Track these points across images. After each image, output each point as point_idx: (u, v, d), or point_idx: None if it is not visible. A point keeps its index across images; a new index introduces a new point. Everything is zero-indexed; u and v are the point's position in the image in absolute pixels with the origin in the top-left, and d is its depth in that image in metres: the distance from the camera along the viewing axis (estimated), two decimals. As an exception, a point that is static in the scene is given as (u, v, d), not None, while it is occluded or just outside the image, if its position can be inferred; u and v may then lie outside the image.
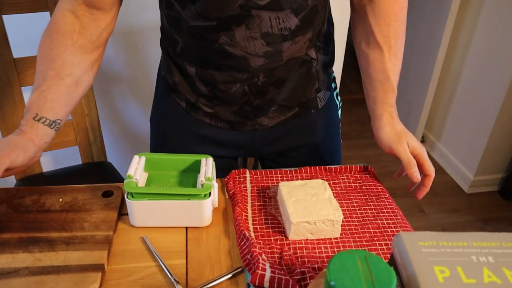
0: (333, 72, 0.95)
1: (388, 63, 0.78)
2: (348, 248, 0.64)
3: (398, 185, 2.29)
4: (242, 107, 0.83)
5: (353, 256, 0.39)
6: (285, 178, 0.78)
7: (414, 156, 0.75)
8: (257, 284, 0.56)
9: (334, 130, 0.96)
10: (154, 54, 1.67)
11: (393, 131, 0.76)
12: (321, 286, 0.39)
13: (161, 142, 0.96)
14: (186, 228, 0.68)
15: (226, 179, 0.77)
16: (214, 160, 0.74)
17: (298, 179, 0.78)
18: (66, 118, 0.76)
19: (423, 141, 2.63)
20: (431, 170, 0.75)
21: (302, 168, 0.80)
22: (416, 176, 0.73)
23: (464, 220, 2.10)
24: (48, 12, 1.10)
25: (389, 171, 2.45)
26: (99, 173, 1.32)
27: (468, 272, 0.43)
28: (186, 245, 0.65)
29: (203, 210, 0.66)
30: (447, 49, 2.29)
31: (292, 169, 0.81)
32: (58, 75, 0.73)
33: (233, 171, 0.78)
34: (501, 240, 0.47)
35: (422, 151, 0.75)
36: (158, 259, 0.62)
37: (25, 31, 1.43)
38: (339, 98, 0.99)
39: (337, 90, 0.98)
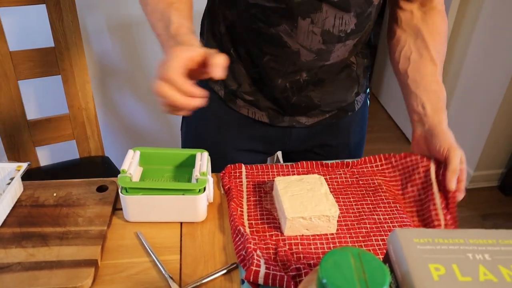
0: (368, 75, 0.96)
1: (439, 76, 0.81)
2: (344, 244, 0.64)
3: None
4: (280, 101, 0.84)
5: (346, 253, 0.38)
6: (281, 173, 0.78)
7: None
8: (251, 280, 0.56)
9: (363, 129, 0.99)
10: (152, 47, 1.66)
11: (453, 137, 0.79)
12: (313, 283, 0.38)
13: (195, 134, 0.95)
14: (181, 223, 0.68)
15: (221, 174, 0.76)
16: (247, 155, 0.73)
17: (294, 174, 0.78)
18: None
19: (423, 136, 2.62)
20: (462, 187, 0.76)
21: (299, 163, 0.80)
22: (452, 185, 0.73)
23: (464, 216, 2.09)
24: (44, 5, 1.09)
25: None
26: (97, 168, 1.32)
27: (463, 269, 0.42)
28: (181, 240, 0.65)
29: (198, 205, 0.65)
30: (448, 44, 2.28)
31: (289, 163, 0.80)
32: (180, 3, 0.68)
33: (229, 166, 0.77)
34: (498, 238, 0.46)
35: (464, 167, 0.77)
36: (152, 254, 0.61)
37: (21, 24, 1.42)
38: (369, 98, 1.00)
39: (368, 90, 0.99)
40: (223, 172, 0.77)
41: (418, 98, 0.80)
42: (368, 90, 0.97)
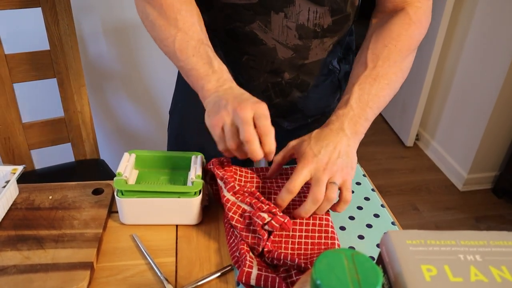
0: None
1: (362, 80, 0.70)
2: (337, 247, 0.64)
3: (392, 183, 2.30)
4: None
5: (339, 254, 0.38)
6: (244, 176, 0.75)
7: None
8: (243, 281, 0.56)
9: None
10: (147, 50, 1.67)
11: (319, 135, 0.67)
12: (307, 284, 0.39)
13: (180, 134, 0.96)
14: (176, 226, 0.68)
15: (208, 165, 0.73)
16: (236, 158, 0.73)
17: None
18: None
19: (417, 139, 2.64)
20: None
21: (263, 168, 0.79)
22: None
23: (458, 218, 2.10)
24: (40, 8, 1.09)
25: (383, 169, 2.46)
26: (92, 171, 1.31)
27: (455, 270, 0.43)
28: (176, 243, 0.65)
29: (193, 208, 0.66)
30: (441, 49, 2.30)
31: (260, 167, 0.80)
32: (201, 25, 0.71)
33: (215, 159, 0.75)
34: (489, 239, 0.47)
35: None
36: (147, 257, 0.62)
37: (16, 27, 1.42)
38: None
39: None
40: (210, 163, 0.74)
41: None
42: None
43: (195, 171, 0.68)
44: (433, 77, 2.39)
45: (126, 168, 0.68)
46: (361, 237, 0.68)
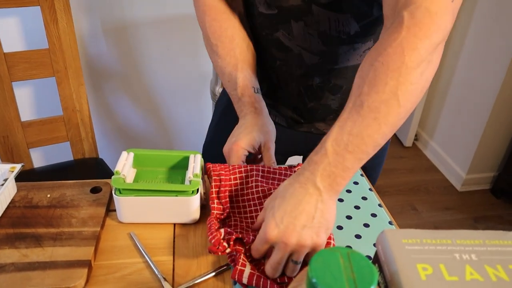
0: None
1: (345, 115, 0.55)
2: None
3: (391, 183, 2.30)
4: (297, 106, 0.87)
5: (335, 253, 0.39)
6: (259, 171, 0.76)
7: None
8: (236, 279, 0.56)
9: (385, 145, 0.98)
10: (147, 50, 1.67)
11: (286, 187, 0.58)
12: (303, 282, 0.39)
13: (218, 123, 1.01)
14: (174, 224, 0.68)
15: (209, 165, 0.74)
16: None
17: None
18: None
19: (416, 139, 2.64)
20: None
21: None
22: None
23: (456, 218, 2.11)
24: (39, 7, 1.09)
25: (382, 169, 2.46)
26: (91, 170, 1.32)
27: (450, 269, 0.43)
28: (174, 241, 0.65)
29: (191, 206, 0.66)
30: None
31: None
32: (243, 48, 0.79)
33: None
34: (485, 238, 0.47)
35: None
36: (145, 255, 0.62)
37: (15, 26, 1.42)
38: None
39: None
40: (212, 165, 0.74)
41: None
42: None
43: (192, 170, 0.68)
44: (432, 77, 2.39)
45: (124, 166, 0.69)
46: (358, 236, 0.68)
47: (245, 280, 0.56)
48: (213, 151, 0.98)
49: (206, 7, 0.78)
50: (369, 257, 0.64)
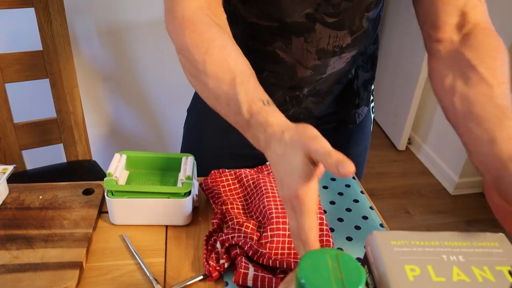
0: (372, 87, 0.95)
1: (501, 98, 0.57)
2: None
3: (384, 187, 2.31)
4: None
5: (324, 254, 0.39)
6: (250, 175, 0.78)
7: None
8: (240, 282, 0.57)
9: (365, 143, 0.98)
10: (141, 52, 1.67)
11: None
12: (292, 283, 0.39)
13: (196, 133, 0.95)
14: (166, 226, 0.69)
15: (204, 180, 0.76)
16: (248, 160, 0.74)
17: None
18: None
19: (409, 143, 2.65)
20: None
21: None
22: None
23: (449, 222, 2.12)
24: (33, 8, 1.09)
25: (375, 173, 2.47)
26: (84, 172, 1.31)
27: (438, 270, 0.43)
28: (166, 243, 0.66)
29: (183, 208, 0.66)
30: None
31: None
32: (238, 56, 0.58)
33: (213, 171, 0.78)
34: (472, 240, 0.48)
35: None
36: (136, 257, 0.62)
37: (9, 27, 1.42)
38: (374, 110, 1.00)
39: (373, 103, 0.99)
40: (206, 178, 0.77)
41: (474, 136, 0.57)
42: (372, 104, 0.98)
43: (185, 172, 0.68)
44: (425, 82, 2.41)
45: (117, 168, 0.69)
46: (349, 238, 0.69)
47: (250, 283, 0.56)
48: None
49: (185, 21, 0.60)
50: (359, 259, 0.64)
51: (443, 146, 2.36)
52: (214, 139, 0.91)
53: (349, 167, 0.44)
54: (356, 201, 0.77)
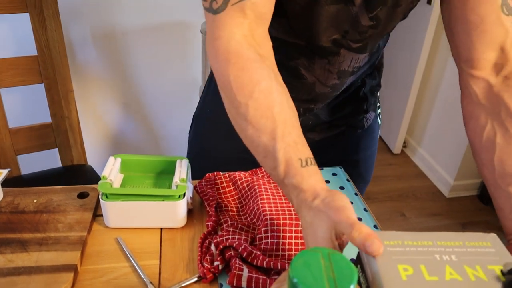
0: (379, 94, 0.97)
1: None
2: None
3: (380, 190, 2.32)
4: None
5: (316, 253, 0.39)
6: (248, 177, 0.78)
7: None
8: (234, 284, 0.57)
9: (374, 148, 0.99)
10: (136, 56, 1.67)
11: None
12: (285, 283, 0.40)
13: (206, 139, 0.94)
14: (161, 229, 0.69)
15: (198, 182, 0.76)
16: (258, 165, 0.73)
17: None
18: None
19: (405, 146, 2.67)
20: None
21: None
22: None
23: (444, 224, 2.13)
24: (27, 14, 1.09)
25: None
26: (79, 176, 1.31)
27: (430, 270, 0.44)
28: (160, 246, 0.66)
29: (178, 211, 0.66)
30: (428, 57, 2.33)
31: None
32: (282, 104, 0.55)
33: (207, 174, 0.78)
34: (465, 240, 0.48)
35: None
36: (131, 259, 0.62)
37: (4, 32, 1.42)
38: (381, 117, 1.02)
39: (380, 110, 1.00)
40: (201, 181, 0.77)
41: (503, 192, 0.57)
42: (379, 110, 0.99)
43: (179, 175, 0.68)
44: (420, 85, 2.43)
45: (111, 171, 0.69)
46: (343, 240, 0.69)
47: (244, 284, 0.57)
48: (196, 166, 0.93)
49: (230, 55, 0.56)
50: (353, 260, 0.65)
51: (438, 149, 2.37)
52: (224, 144, 0.91)
53: (378, 247, 0.43)
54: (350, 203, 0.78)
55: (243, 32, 0.57)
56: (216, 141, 0.92)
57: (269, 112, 0.53)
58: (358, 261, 0.48)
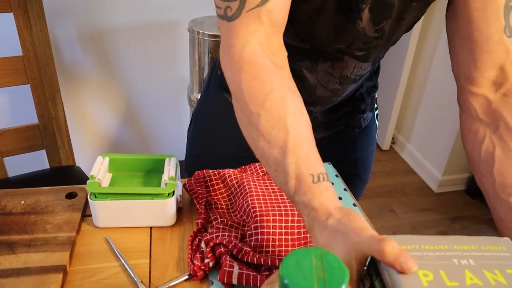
0: (376, 95, 0.98)
1: None
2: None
3: (369, 186, 2.33)
4: None
5: (309, 253, 0.39)
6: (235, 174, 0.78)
7: None
8: (225, 281, 0.57)
9: (372, 147, 1.00)
10: (123, 56, 1.66)
11: None
12: (276, 283, 0.40)
13: (209, 136, 0.94)
14: (151, 228, 0.68)
15: (188, 180, 0.76)
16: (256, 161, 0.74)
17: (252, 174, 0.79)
18: None
19: (393, 142, 2.68)
20: None
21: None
22: None
23: (433, 219, 2.15)
24: (11, 13, 1.08)
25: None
26: (67, 178, 1.30)
27: (450, 275, 0.43)
28: (150, 244, 0.66)
29: (167, 209, 0.66)
30: (415, 53, 2.35)
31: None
32: (296, 115, 0.53)
33: (196, 172, 0.78)
34: (480, 244, 0.47)
35: None
36: (121, 259, 0.62)
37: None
38: (378, 118, 1.02)
39: (378, 110, 1.01)
40: (190, 179, 0.77)
41: (504, 205, 0.58)
42: (377, 111, 1.00)
43: (168, 173, 0.68)
44: (407, 82, 2.45)
45: (100, 171, 0.68)
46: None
47: (235, 281, 0.57)
48: (197, 164, 0.95)
49: (244, 63, 0.55)
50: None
51: (426, 145, 2.39)
52: (224, 141, 0.91)
53: (413, 263, 0.41)
54: (339, 198, 0.78)
55: (258, 40, 0.56)
56: (216, 138, 0.93)
57: (281, 123, 0.51)
58: (371, 264, 0.48)
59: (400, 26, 0.68)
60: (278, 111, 0.52)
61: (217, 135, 0.93)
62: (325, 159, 0.90)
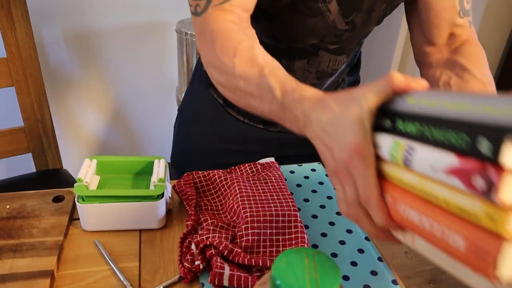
0: None
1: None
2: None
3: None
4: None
5: (301, 253, 0.39)
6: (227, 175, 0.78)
7: None
8: (216, 283, 0.56)
9: None
10: (109, 57, 1.65)
11: None
12: (268, 284, 0.39)
13: (189, 130, 0.97)
14: (140, 230, 0.67)
15: (177, 182, 0.75)
16: (242, 156, 0.77)
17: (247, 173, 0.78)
18: None
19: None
20: None
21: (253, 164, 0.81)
22: None
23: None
24: (-5, 15, 1.06)
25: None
26: (54, 181, 1.28)
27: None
28: (140, 247, 0.65)
29: (156, 211, 0.65)
30: (402, 51, 2.37)
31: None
32: (267, 55, 0.56)
33: (186, 173, 0.77)
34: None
35: None
36: (110, 262, 0.61)
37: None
38: None
39: None
40: (179, 180, 0.76)
41: None
42: None
43: (157, 175, 0.67)
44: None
45: (87, 174, 0.67)
46: (324, 235, 0.70)
47: (226, 282, 0.56)
48: (183, 160, 0.98)
49: (214, 32, 0.59)
50: (334, 254, 0.65)
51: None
52: (211, 135, 0.92)
53: (423, 80, 0.41)
54: (329, 197, 0.78)
55: (231, 18, 0.60)
56: (202, 132, 0.94)
57: (253, 61, 0.54)
58: (384, 114, 0.41)
59: (370, 19, 0.73)
60: (249, 54, 0.55)
61: (202, 129, 0.94)
62: (314, 158, 0.91)
